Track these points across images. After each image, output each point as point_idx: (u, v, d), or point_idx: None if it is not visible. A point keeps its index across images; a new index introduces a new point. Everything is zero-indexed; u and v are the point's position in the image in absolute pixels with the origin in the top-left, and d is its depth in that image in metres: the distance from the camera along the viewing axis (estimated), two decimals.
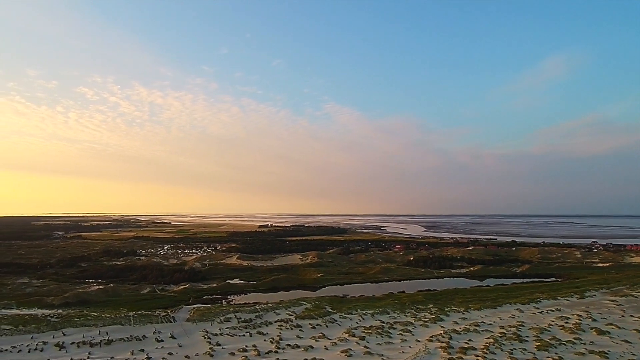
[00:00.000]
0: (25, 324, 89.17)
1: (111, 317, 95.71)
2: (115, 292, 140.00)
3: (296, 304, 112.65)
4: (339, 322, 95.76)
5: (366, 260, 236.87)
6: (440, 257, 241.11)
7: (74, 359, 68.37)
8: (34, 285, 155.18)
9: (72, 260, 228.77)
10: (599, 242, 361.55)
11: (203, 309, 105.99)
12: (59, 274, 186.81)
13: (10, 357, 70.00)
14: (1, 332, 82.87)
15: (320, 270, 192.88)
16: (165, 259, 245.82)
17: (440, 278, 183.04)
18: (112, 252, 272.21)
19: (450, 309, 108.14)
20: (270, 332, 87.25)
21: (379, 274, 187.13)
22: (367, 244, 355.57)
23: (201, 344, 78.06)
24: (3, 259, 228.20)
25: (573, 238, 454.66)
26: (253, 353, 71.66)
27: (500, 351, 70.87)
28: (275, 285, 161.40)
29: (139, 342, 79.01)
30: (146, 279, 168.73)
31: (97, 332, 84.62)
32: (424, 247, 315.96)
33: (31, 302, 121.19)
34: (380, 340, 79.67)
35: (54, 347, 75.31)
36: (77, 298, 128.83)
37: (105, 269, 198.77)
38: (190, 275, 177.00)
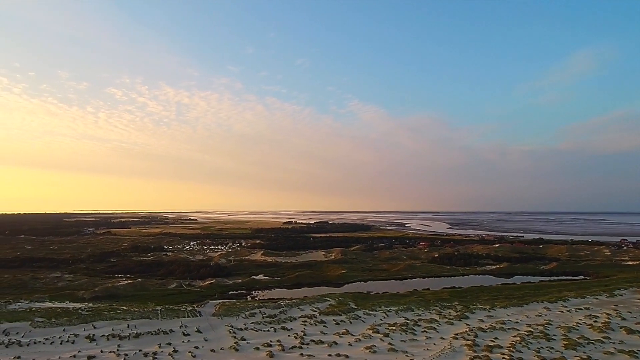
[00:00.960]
0: (57, 316, 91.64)
1: (139, 311, 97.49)
2: (143, 287, 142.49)
3: (320, 300, 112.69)
4: (363, 318, 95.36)
5: (390, 257, 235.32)
6: (465, 254, 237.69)
7: (104, 351, 69.76)
8: (65, 280, 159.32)
9: (102, 256, 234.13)
10: (629, 240, 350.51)
11: (228, 304, 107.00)
12: (89, 268, 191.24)
13: (44, 348, 71.95)
14: (35, 324, 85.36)
15: (344, 266, 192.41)
16: (191, 254, 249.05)
17: (465, 275, 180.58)
18: (140, 247, 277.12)
19: (476, 307, 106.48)
20: (294, 327, 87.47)
21: (403, 270, 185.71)
22: (391, 240, 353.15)
23: (226, 339, 78.76)
24: (37, 254, 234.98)
25: (602, 235, 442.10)
26: (277, 348, 71.90)
27: (527, 350, 69.39)
28: (299, 281, 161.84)
29: (167, 336, 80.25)
30: (173, 274, 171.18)
31: (126, 326, 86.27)
32: (449, 244, 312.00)
33: (63, 296, 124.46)
34: (405, 337, 78.95)
35: (85, 339, 77.12)
36: (107, 292, 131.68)
37: (134, 264, 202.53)
38: (216, 270, 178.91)
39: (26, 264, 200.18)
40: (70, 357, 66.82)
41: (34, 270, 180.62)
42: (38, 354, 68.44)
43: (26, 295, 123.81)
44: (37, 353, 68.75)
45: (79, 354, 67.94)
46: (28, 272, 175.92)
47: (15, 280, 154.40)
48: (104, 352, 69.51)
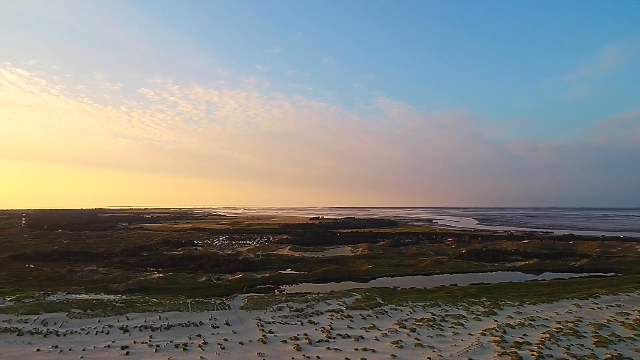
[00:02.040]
0: (92, 308, 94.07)
1: (170, 304, 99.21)
2: (174, 280, 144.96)
3: (347, 295, 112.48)
4: (390, 313, 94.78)
5: (417, 252, 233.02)
6: (493, 250, 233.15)
7: (137, 342, 71.37)
8: (100, 273, 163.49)
9: (135, 250, 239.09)
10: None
11: (256, 298, 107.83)
12: (123, 262, 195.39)
13: (80, 338, 74.09)
14: (71, 315, 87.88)
15: (371, 262, 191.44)
16: (220, 249, 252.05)
17: (493, 271, 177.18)
18: (171, 242, 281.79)
19: (505, 303, 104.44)
20: (321, 321, 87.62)
21: (430, 266, 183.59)
22: (418, 236, 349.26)
23: (254, 331, 79.49)
24: (73, 248, 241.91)
25: (634, 232, 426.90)
26: (305, 341, 72.18)
27: (556, 347, 67.87)
28: (326, 276, 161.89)
29: (196, 328, 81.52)
30: (203, 268, 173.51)
31: (158, 317, 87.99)
32: (477, 240, 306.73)
33: (98, 288, 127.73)
34: (432, 332, 78.17)
35: (119, 330, 79.04)
36: (139, 285, 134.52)
37: (165, 258, 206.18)
38: (244, 265, 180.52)
39: (63, 257, 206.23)
40: (105, 347, 68.62)
41: (71, 264, 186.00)
42: (74, 343, 70.51)
43: (63, 287, 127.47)
44: (74, 343, 70.83)
45: (113, 344, 69.71)
46: (65, 265, 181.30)
47: (53, 273, 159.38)
48: (137, 342, 71.14)
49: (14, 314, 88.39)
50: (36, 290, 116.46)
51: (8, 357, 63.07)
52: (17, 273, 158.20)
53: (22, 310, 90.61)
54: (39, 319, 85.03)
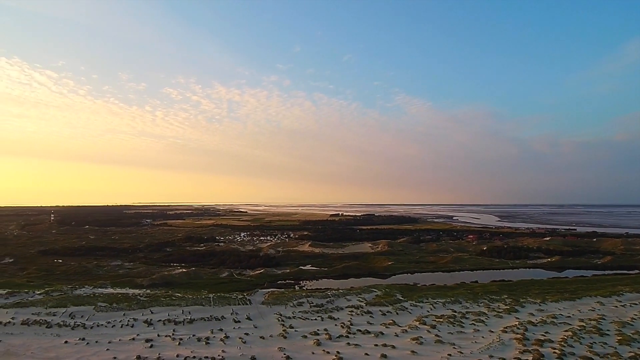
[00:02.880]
0: (118, 301, 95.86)
1: (193, 298, 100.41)
2: (196, 275, 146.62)
3: (367, 291, 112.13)
4: (410, 309, 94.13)
5: (437, 249, 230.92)
6: (515, 247, 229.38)
7: (161, 335, 72.39)
8: (125, 268, 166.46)
9: (158, 246, 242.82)
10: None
11: (277, 293, 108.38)
12: (147, 257, 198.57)
13: (106, 331, 75.54)
14: (98, 309, 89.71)
15: (391, 258, 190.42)
16: (242, 245, 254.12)
17: (515, 269, 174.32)
18: (194, 238, 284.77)
19: (526, 300, 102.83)
20: (341, 317, 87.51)
21: (450, 263, 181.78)
22: (438, 233, 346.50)
23: (275, 326, 79.86)
24: (100, 244, 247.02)
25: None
26: (325, 337, 72.17)
27: (579, 344, 66.43)
28: (346, 272, 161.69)
29: (218, 322, 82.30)
30: (224, 264, 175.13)
31: (181, 312, 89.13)
32: (498, 237, 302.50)
33: (123, 283, 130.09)
34: (452, 329, 77.33)
35: (143, 323, 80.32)
36: (163, 280, 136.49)
37: (188, 253, 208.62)
38: (265, 261, 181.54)
39: (90, 252, 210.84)
40: (130, 339, 69.77)
41: (97, 259, 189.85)
42: (101, 336, 71.90)
43: (90, 281, 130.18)
44: (100, 335, 72.22)
45: (138, 337, 70.85)
46: (92, 260, 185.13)
47: (80, 267, 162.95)
48: (161, 336, 72.17)
49: (43, 306, 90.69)
50: (64, 284, 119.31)
51: (37, 349, 64.68)
52: (46, 267, 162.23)
53: (51, 304, 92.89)
54: (67, 312, 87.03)
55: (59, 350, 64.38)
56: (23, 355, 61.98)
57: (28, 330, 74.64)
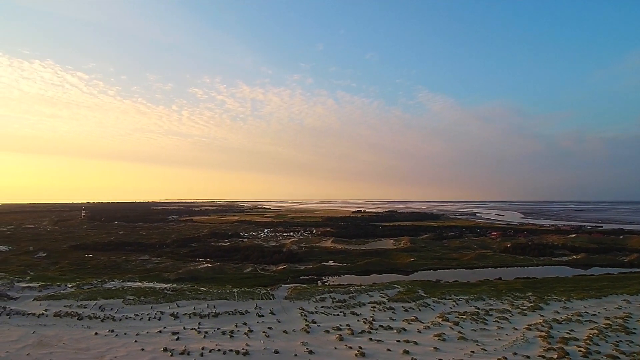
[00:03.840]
0: (146, 295, 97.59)
1: (218, 292, 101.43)
2: (221, 270, 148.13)
3: (389, 287, 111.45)
4: (432, 306, 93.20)
5: (460, 246, 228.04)
6: (539, 244, 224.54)
7: (187, 328, 73.47)
8: (153, 262, 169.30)
9: (184, 241, 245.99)
10: None
11: (300, 288, 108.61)
12: (173, 252, 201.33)
13: (134, 323, 77.03)
14: (126, 302, 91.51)
15: (413, 255, 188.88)
16: (265, 241, 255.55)
17: (539, 266, 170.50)
18: (218, 234, 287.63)
19: (551, 298, 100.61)
20: (363, 313, 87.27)
21: (473, 260, 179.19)
22: (461, 230, 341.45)
23: (298, 321, 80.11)
24: (128, 239, 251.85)
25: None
26: (347, 332, 72.10)
27: (604, 343, 64.75)
28: (368, 268, 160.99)
29: (242, 316, 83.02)
30: (248, 259, 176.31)
31: (206, 305, 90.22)
32: (522, 234, 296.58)
33: (151, 277, 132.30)
34: (475, 326, 76.28)
35: (170, 316, 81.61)
36: (189, 274, 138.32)
37: (213, 249, 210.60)
38: (288, 256, 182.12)
39: (119, 247, 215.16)
40: (157, 332, 71.02)
41: (126, 253, 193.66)
42: (129, 328, 73.37)
43: (119, 275, 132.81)
44: (129, 327, 73.70)
45: (165, 330, 72.06)
46: (121, 254, 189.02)
47: (110, 262, 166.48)
48: (186, 328, 73.24)
49: (75, 299, 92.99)
50: (94, 278, 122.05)
51: (69, 340, 66.38)
52: (77, 262, 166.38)
53: (82, 296, 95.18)
54: (97, 305, 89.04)
55: (89, 341, 65.95)
56: (55, 345, 63.71)
57: (60, 322, 76.70)
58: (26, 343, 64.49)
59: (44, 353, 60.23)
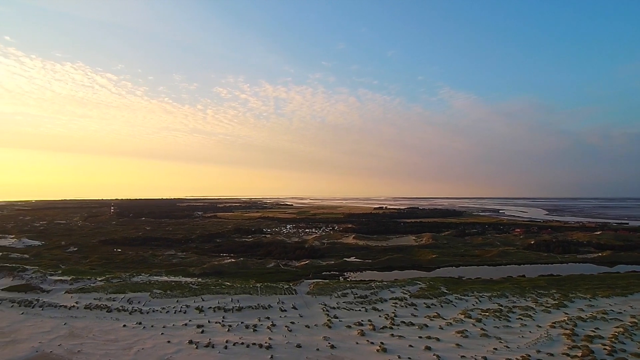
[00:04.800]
0: (172, 289, 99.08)
1: (241, 287, 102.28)
2: (244, 265, 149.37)
3: (411, 283, 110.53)
4: (455, 303, 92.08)
5: (483, 243, 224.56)
6: (564, 241, 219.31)
7: (211, 322, 74.37)
8: (179, 257, 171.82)
9: (209, 237, 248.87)
10: None
11: (322, 284, 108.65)
12: (198, 248, 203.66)
13: (160, 316, 78.37)
14: (153, 295, 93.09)
15: (435, 251, 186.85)
16: (287, 237, 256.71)
17: (564, 263, 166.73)
18: (242, 230, 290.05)
19: (575, 295, 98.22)
20: (385, 308, 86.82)
21: (496, 257, 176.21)
22: (484, 226, 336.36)
23: (320, 316, 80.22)
24: (155, 234, 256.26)
25: None
26: (369, 327, 71.88)
27: (630, 341, 63.06)
28: (389, 264, 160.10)
29: (265, 311, 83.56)
30: (271, 255, 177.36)
31: (230, 300, 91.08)
32: (546, 231, 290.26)
33: (176, 271, 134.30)
34: (498, 323, 75.11)
35: (195, 310, 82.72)
36: (213, 269, 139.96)
37: (237, 244, 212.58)
38: (310, 252, 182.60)
39: (146, 242, 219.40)
40: (182, 325, 72.13)
41: (153, 248, 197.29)
42: (156, 320, 74.70)
43: (146, 269, 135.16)
44: (155, 320, 75.05)
45: (190, 323, 73.14)
46: (148, 249, 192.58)
47: (137, 256, 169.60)
48: (211, 322, 74.13)
49: (104, 292, 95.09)
50: (123, 272, 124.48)
51: (98, 331, 67.98)
52: (106, 256, 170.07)
53: (111, 290, 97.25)
54: (125, 298, 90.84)
55: (118, 333, 67.40)
56: (86, 337, 65.31)
57: (90, 314, 78.60)
58: (58, 334, 66.32)
59: (74, 344, 61.82)
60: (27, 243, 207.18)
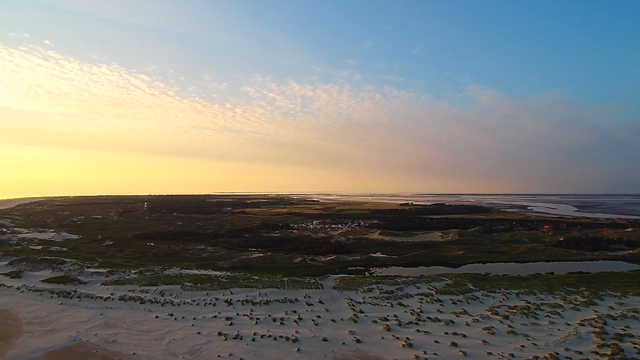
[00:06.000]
0: (202, 282, 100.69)
1: (269, 281, 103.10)
2: (272, 260, 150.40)
3: (437, 279, 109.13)
4: (481, 299, 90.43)
5: (510, 239, 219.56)
6: (594, 238, 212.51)
7: (239, 314, 75.26)
8: (208, 251, 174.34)
9: (237, 232, 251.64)
10: None
11: (348, 279, 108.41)
12: (227, 242, 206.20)
13: (191, 308, 79.78)
14: (184, 288, 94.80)
15: (461, 247, 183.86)
16: (314, 232, 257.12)
17: (594, 260, 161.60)
18: (269, 225, 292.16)
19: (605, 293, 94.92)
20: (410, 304, 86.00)
21: (524, 253, 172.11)
22: (511, 223, 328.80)
23: (346, 310, 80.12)
24: (186, 229, 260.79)
25: None
26: (394, 322, 71.37)
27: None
28: (415, 260, 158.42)
29: (292, 304, 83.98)
30: (298, 250, 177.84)
31: (258, 293, 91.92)
32: (576, 228, 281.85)
33: (206, 265, 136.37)
34: (526, 320, 73.33)
35: (224, 302, 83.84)
36: (242, 263, 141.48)
37: (264, 239, 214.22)
38: (336, 247, 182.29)
39: (178, 237, 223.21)
40: (212, 317, 73.26)
41: (184, 243, 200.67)
42: (186, 312, 76.11)
43: (178, 263, 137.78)
44: (186, 312, 76.46)
45: (219, 315, 74.21)
46: (179, 244, 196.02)
47: (169, 250, 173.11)
48: (239, 314, 75.03)
49: (138, 284, 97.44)
50: (155, 265, 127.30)
51: (132, 322, 69.72)
52: (140, 250, 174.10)
53: (144, 282, 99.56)
54: (158, 290, 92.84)
55: (150, 324, 68.97)
56: (120, 327, 67.05)
57: (124, 305, 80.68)
58: (94, 324, 68.34)
59: (110, 333, 63.57)
60: (65, 237, 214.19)
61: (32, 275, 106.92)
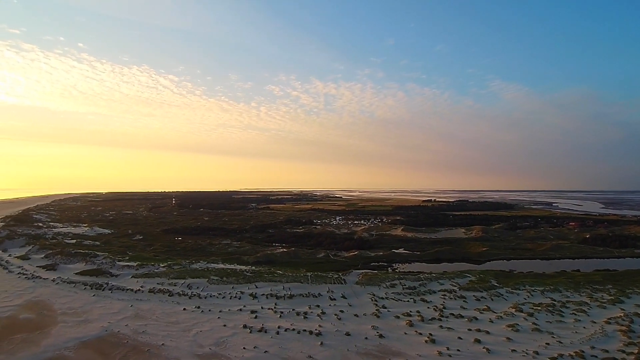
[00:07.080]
0: (227, 276, 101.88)
1: (292, 276, 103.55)
2: (295, 255, 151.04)
3: (460, 276, 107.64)
4: (505, 296, 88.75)
5: (535, 236, 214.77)
6: (621, 235, 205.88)
7: (264, 308, 75.88)
8: (234, 246, 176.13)
9: (262, 227, 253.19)
10: None
11: (370, 274, 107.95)
12: (252, 237, 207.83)
13: (217, 301, 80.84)
14: (210, 281, 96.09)
15: (485, 244, 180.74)
16: (337, 228, 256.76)
17: (621, 258, 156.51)
18: (293, 221, 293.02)
19: (633, 291, 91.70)
20: (433, 300, 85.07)
21: (549, 250, 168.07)
22: (536, 220, 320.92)
23: (368, 306, 79.84)
24: (212, 225, 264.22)
25: None
26: (417, 318, 70.78)
27: None
28: (438, 256, 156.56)
29: (315, 299, 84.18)
30: (321, 245, 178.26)
31: (282, 287, 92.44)
32: (602, 225, 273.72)
33: (232, 259, 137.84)
34: (551, 318, 71.65)
35: (249, 296, 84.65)
36: (266, 258, 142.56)
37: (288, 235, 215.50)
38: (359, 243, 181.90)
39: (204, 232, 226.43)
40: (237, 310, 74.09)
41: (210, 238, 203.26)
42: (213, 305, 77.17)
43: (204, 257, 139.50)
44: (212, 305, 77.52)
45: (244, 308, 74.96)
46: (206, 239, 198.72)
47: (196, 245, 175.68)
48: (264, 308, 75.62)
49: (166, 278, 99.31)
50: (183, 259, 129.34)
51: (161, 314, 71.11)
52: (168, 244, 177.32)
53: (172, 275, 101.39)
54: (185, 283, 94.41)
55: (178, 316, 70.20)
56: (150, 318, 68.46)
57: (153, 298, 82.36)
58: (125, 315, 69.95)
59: (139, 324, 64.98)
60: (98, 231, 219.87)
61: (67, 268, 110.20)
